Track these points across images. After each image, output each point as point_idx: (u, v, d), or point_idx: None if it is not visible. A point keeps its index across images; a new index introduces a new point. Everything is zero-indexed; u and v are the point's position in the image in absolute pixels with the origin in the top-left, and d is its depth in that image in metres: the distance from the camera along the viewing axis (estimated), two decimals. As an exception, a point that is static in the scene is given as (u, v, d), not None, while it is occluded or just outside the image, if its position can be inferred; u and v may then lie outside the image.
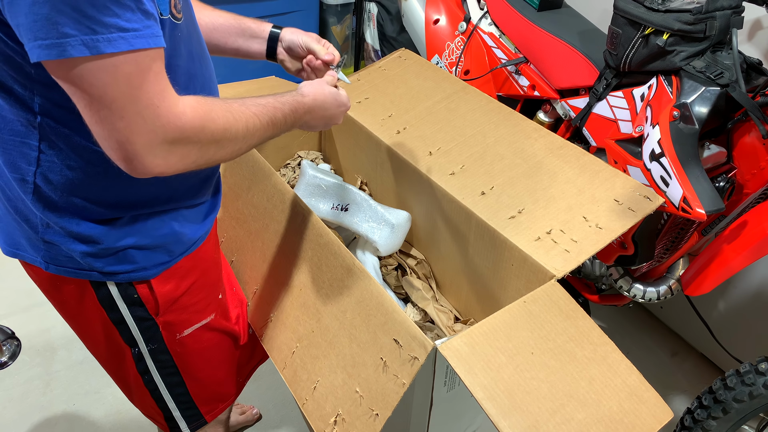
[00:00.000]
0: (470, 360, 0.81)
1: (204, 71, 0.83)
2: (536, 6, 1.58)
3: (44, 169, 0.74)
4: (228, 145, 0.74)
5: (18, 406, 1.69)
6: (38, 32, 0.58)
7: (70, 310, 0.91)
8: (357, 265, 0.97)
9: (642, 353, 1.89)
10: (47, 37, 0.58)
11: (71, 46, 0.58)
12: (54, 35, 0.57)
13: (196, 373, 1.01)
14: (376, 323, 0.90)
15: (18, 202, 0.79)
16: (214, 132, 0.71)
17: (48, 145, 0.73)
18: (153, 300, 0.88)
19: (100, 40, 0.59)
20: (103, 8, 0.58)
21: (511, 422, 0.77)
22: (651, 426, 0.81)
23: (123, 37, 0.60)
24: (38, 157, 0.74)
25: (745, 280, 1.64)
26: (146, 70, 0.63)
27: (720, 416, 1.22)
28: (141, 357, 0.94)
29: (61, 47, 0.58)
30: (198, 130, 0.69)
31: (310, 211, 1.07)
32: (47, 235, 0.80)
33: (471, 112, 1.29)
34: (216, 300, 1.00)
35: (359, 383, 0.88)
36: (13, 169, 0.75)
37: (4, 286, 1.98)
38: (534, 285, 0.97)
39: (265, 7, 2.43)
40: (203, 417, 1.07)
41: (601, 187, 1.08)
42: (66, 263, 0.82)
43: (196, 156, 0.70)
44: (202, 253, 0.93)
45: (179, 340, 0.95)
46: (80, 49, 0.58)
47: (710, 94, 1.14)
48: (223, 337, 1.04)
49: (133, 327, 0.90)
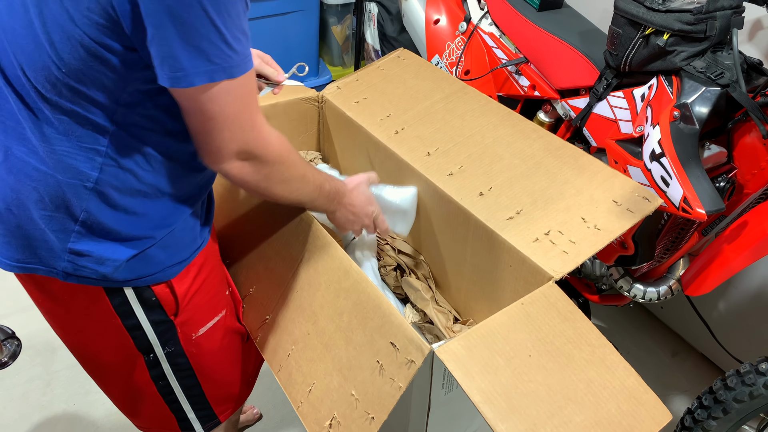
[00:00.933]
0: (467, 363, 0.81)
1: None
2: (536, 6, 1.57)
3: (105, 176, 0.76)
4: (300, 184, 0.88)
5: (18, 406, 1.69)
6: (184, 62, 0.65)
7: (75, 323, 0.91)
8: (354, 267, 0.96)
9: (642, 353, 1.89)
10: (192, 67, 0.66)
11: (209, 74, 0.67)
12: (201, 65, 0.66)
13: (212, 374, 1.02)
14: (373, 326, 0.89)
15: (57, 210, 0.78)
16: (291, 171, 0.85)
17: (115, 151, 0.76)
18: (173, 299, 0.89)
19: (233, 66, 0.68)
20: (236, 39, 0.67)
21: (508, 425, 0.76)
22: (650, 428, 0.80)
23: (245, 61, 0.70)
24: (102, 163, 0.76)
25: (746, 281, 1.63)
26: (251, 90, 0.73)
27: (720, 416, 1.22)
28: (156, 363, 0.94)
29: (207, 74, 0.67)
30: (277, 158, 0.81)
31: (309, 214, 1.07)
32: (79, 245, 0.79)
33: (469, 113, 1.28)
34: (225, 296, 1.02)
35: (355, 386, 0.88)
36: (71, 175, 0.76)
37: (5, 286, 1.99)
38: (532, 286, 0.96)
39: (265, 7, 2.43)
40: (217, 417, 1.08)
41: (599, 188, 1.08)
42: (89, 274, 0.81)
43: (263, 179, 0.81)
44: (209, 249, 0.94)
45: (195, 340, 0.95)
46: (219, 75, 0.67)
47: (711, 94, 1.13)
48: (233, 335, 1.05)
49: (149, 332, 0.90)
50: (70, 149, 0.74)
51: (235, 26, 0.66)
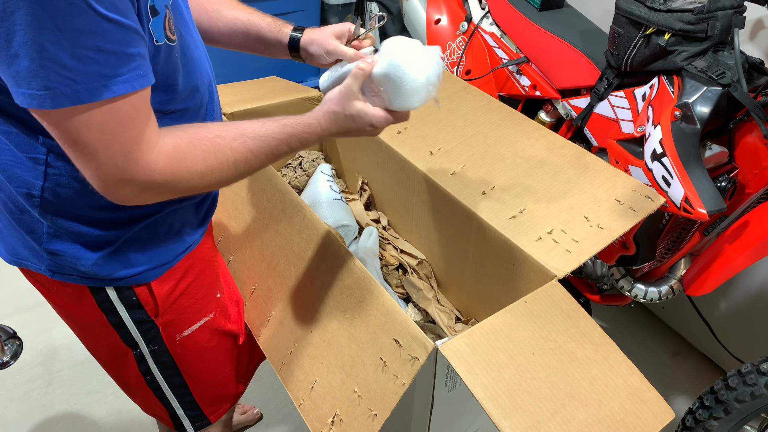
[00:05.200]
0: (471, 360, 0.81)
1: (203, 78, 0.83)
2: (537, 6, 1.57)
3: (52, 183, 0.74)
4: (211, 182, 0.73)
5: (20, 406, 1.69)
6: (21, 82, 0.57)
7: (70, 313, 0.91)
8: (357, 264, 0.96)
9: (643, 353, 1.89)
10: (30, 88, 0.57)
11: (50, 99, 0.58)
12: (35, 86, 0.57)
13: (198, 375, 1.01)
14: (376, 323, 0.90)
15: (22, 214, 0.78)
16: (189, 179, 0.70)
17: (56, 158, 0.73)
18: (152, 302, 0.88)
19: (81, 91, 0.58)
20: (84, 59, 0.57)
21: (512, 422, 0.76)
22: (652, 426, 0.80)
23: (105, 86, 0.59)
24: (45, 171, 0.73)
25: (747, 280, 1.64)
26: (123, 117, 0.62)
27: (722, 416, 1.22)
28: (143, 358, 0.94)
29: (40, 99, 0.58)
30: (169, 179, 0.68)
31: (310, 212, 1.07)
32: (52, 245, 0.80)
33: (472, 112, 1.29)
34: (215, 299, 1.00)
35: (358, 383, 0.88)
36: (18, 184, 0.75)
37: (6, 286, 1.99)
38: (535, 285, 0.97)
39: (265, 8, 2.42)
40: (207, 418, 1.07)
41: (602, 187, 1.08)
42: (70, 272, 0.82)
43: (173, 195, 0.71)
44: (199, 252, 0.93)
45: (179, 341, 0.94)
46: (60, 100, 0.58)
47: (712, 93, 1.13)
48: (222, 337, 1.04)
49: (133, 330, 0.90)
50: (11, 159, 0.73)
51: (79, 44, 0.56)
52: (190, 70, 0.79)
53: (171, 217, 0.86)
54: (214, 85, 0.89)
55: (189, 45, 0.78)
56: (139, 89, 0.62)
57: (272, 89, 1.48)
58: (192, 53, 0.80)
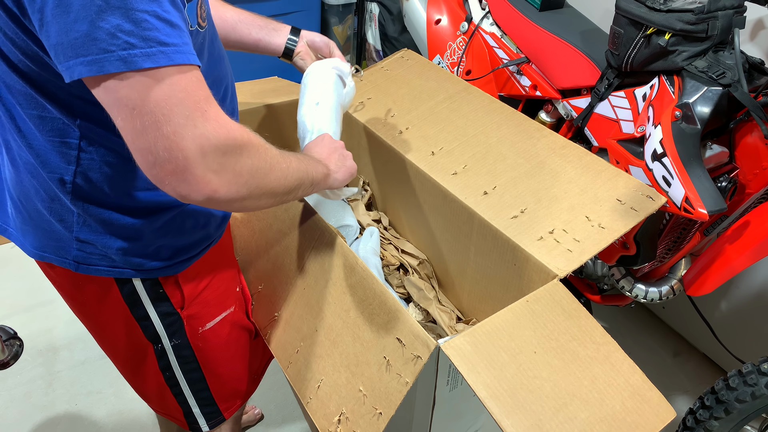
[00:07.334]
0: (473, 359, 0.81)
1: (226, 71, 0.85)
2: (538, 6, 1.58)
3: (84, 168, 0.75)
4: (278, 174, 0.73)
5: (20, 406, 1.69)
6: (79, 49, 0.57)
7: (90, 309, 0.92)
8: (360, 264, 0.97)
9: (644, 353, 1.89)
10: (88, 53, 0.57)
11: (108, 62, 0.58)
12: (94, 51, 0.57)
13: (216, 369, 1.02)
14: (380, 322, 0.90)
15: (53, 201, 0.79)
16: (262, 154, 0.70)
17: (88, 143, 0.73)
18: (179, 294, 0.90)
19: (138, 55, 0.58)
20: (143, 22, 0.58)
21: (513, 421, 0.77)
22: (654, 425, 0.81)
23: (163, 52, 0.59)
24: (78, 155, 0.74)
25: (748, 281, 1.64)
26: (192, 79, 0.62)
27: (722, 416, 1.22)
28: (164, 353, 0.95)
29: (99, 63, 0.57)
30: (247, 141, 0.67)
31: (314, 212, 1.08)
32: (83, 234, 0.80)
33: (473, 112, 1.29)
34: (234, 293, 1.02)
35: (363, 382, 0.88)
36: (50, 169, 0.75)
37: (6, 286, 1.99)
38: (536, 285, 0.97)
39: (265, 8, 2.44)
40: (222, 414, 1.08)
41: (603, 187, 1.08)
42: (98, 262, 0.82)
43: (248, 175, 0.68)
44: (222, 246, 0.95)
45: (201, 334, 0.96)
46: (117, 64, 0.58)
47: (712, 94, 1.14)
48: (241, 332, 1.06)
49: (157, 322, 0.91)
50: (45, 144, 0.74)
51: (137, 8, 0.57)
52: (215, 59, 0.81)
53: (197, 211, 0.87)
54: (233, 83, 0.90)
55: (215, 35, 0.80)
56: (194, 63, 0.62)
57: (274, 89, 1.49)
58: (217, 44, 0.81)
